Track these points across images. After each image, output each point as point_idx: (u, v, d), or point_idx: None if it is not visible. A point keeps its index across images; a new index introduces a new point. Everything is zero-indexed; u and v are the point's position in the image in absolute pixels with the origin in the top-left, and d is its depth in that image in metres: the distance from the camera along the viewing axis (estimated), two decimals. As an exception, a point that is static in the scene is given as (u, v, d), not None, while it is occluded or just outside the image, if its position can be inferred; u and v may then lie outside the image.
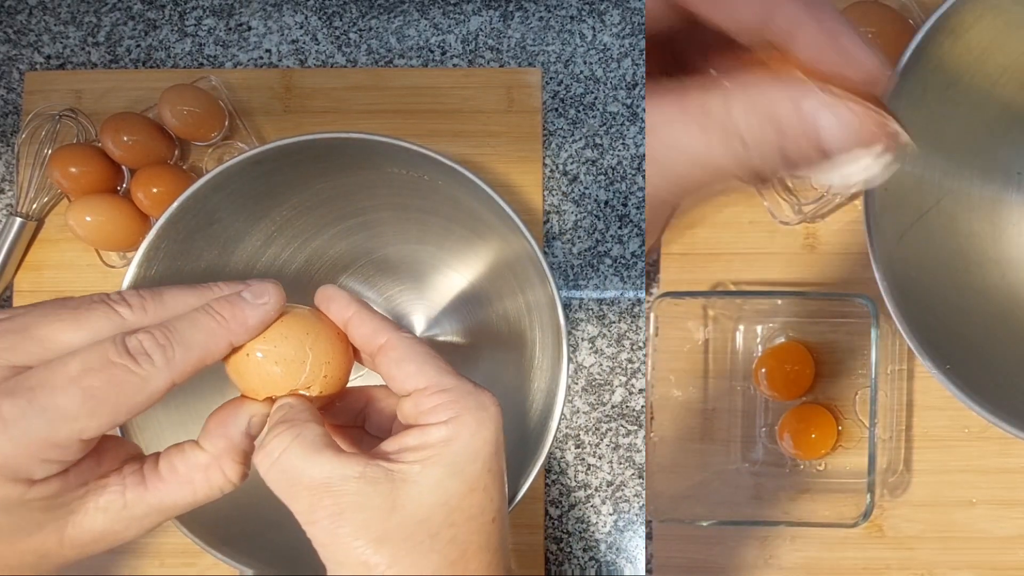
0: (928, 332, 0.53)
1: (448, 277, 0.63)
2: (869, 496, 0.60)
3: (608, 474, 0.67)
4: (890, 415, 0.64)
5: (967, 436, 0.64)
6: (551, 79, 0.70)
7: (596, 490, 0.67)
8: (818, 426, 0.64)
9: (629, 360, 0.68)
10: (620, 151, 0.70)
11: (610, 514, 0.67)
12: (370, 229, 0.61)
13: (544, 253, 0.57)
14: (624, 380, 0.68)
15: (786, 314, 0.66)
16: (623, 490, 0.67)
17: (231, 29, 0.72)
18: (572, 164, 0.70)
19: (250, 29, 0.72)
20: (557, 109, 0.70)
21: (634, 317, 0.68)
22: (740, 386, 0.67)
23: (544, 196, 0.69)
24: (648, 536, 0.67)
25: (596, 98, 0.70)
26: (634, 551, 0.67)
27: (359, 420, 0.42)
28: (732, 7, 0.34)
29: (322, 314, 0.40)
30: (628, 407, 0.68)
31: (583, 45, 0.71)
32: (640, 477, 0.67)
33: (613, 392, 0.68)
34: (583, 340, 0.68)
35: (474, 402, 0.38)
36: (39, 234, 0.71)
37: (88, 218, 0.67)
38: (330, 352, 0.39)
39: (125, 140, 0.67)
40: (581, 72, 0.70)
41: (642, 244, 0.68)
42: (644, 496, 0.67)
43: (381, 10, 0.72)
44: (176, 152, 0.69)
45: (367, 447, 0.41)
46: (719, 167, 0.33)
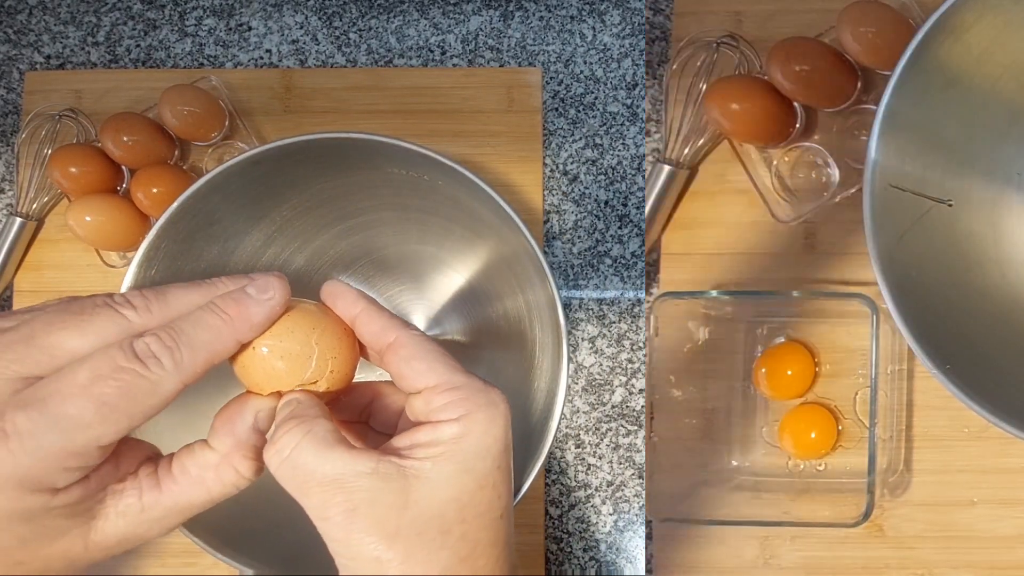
0: (928, 332, 0.53)
1: (448, 277, 0.63)
2: (869, 496, 0.60)
3: (608, 474, 0.67)
4: (890, 415, 0.64)
5: (967, 436, 0.64)
6: (551, 79, 0.70)
7: (596, 490, 0.67)
8: (818, 426, 0.64)
9: (629, 360, 0.68)
10: (620, 151, 0.70)
11: (610, 514, 0.67)
12: (370, 229, 0.61)
13: (544, 253, 0.57)
14: (624, 380, 0.68)
15: (786, 314, 0.66)
16: (623, 490, 0.67)
17: (231, 29, 0.72)
18: (572, 164, 0.70)
19: (250, 29, 0.72)
20: (557, 109, 0.70)
21: (634, 317, 0.68)
22: (740, 386, 0.67)
23: (544, 196, 0.69)
24: (648, 536, 0.67)
25: (596, 98, 0.70)
26: (634, 551, 0.67)
27: (364, 416, 0.42)
28: None
29: (328, 309, 0.40)
30: (628, 407, 0.68)
31: (583, 45, 0.71)
32: (640, 477, 0.67)
33: (613, 392, 0.68)
34: (583, 340, 0.68)
35: (485, 399, 0.38)
36: (39, 234, 0.71)
37: (88, 218, 0.67)
38: (337, 348, 0.39)
39: (125, 140, 0.67)
40: (581, 72, 0.70)
41: (642, 244, 0.68)
42: (644, 496, 0.67)
43: (381, 10, 0.72)
44: (176, 152, 0.69)
45: (372, 443, 0.41)
46: None
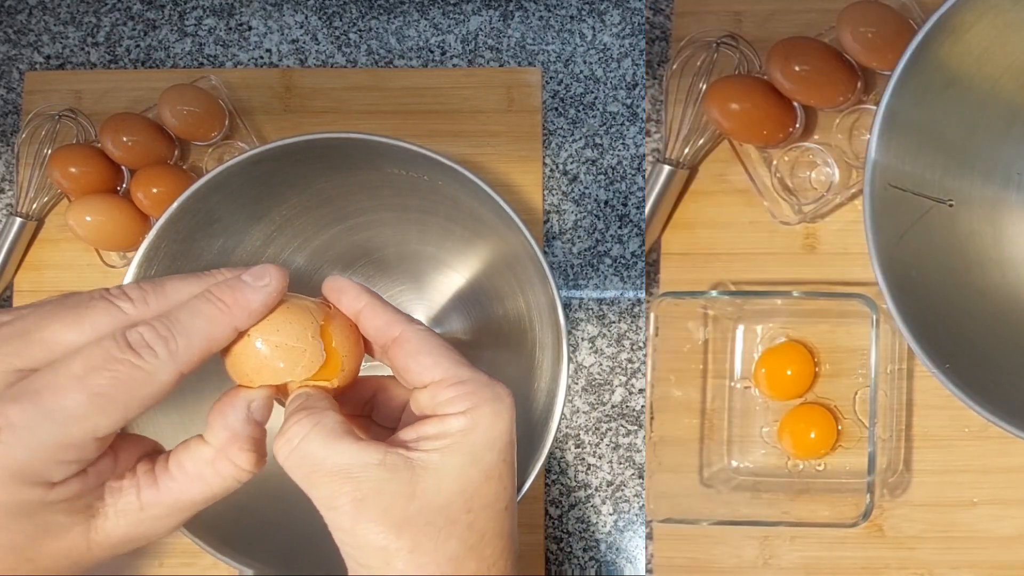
0: (928, 332, 0.53)
1: (448, 277, 0.63)
2: (869, 496, 0.60)
3: (608, 474, 0.67)
4: (890, 415, 0.64)
5: (967, 436, 0.64)
6: (551, 79, 0.70)
7: (596, 490, 0.67)
8: (818, 426, 0.64)
9: (629, 360, 0.68)
10: (620, 151, 0.70)
11: (610, 514, 0.67)
12: (370, 229, 0.61)
13: (544, 253, 0.57)
14: (624, 380, 0.68)
15: (786, 314, 0.66)
16: (623, 490, 0.67)
17: (231, 29, 0.72)
18: (572, 164, 0.70)
19: (250, 29, 0.72)
20: (557, 109, 0.70)
21: (634, 317, 0.68)
22: (740, 386, 0.67)
23: (544, 196, 0.69)
24: (648, 536, 0.67)
25: (596, 98, 0.70)
26: (634, 551, 0.67)
27: (367, 410, 0.43)
28: None
29: (330, 304, 0.40)
30: (628, 407, 0.68)
31: (583, 45, 0.71)
32: (640, 477, 0.67)
33: (613, 392, 0.68)
34: (583, 340, 0.68)
35: (491, 393, 0.38)
36: (39, 234, 0.71)
37: (88, 218, 0.67)
38: (342, 343, 0.39)
39: (125, 140, 0.67)
40: (581, 72, 0.70)
41: (642, 244, 0.68)
42: (644, 496, 0.67)
43: (381, 10, 0.72)
44: (176, 152, 0.69)
45: (375, 437, 0.42)
46: None
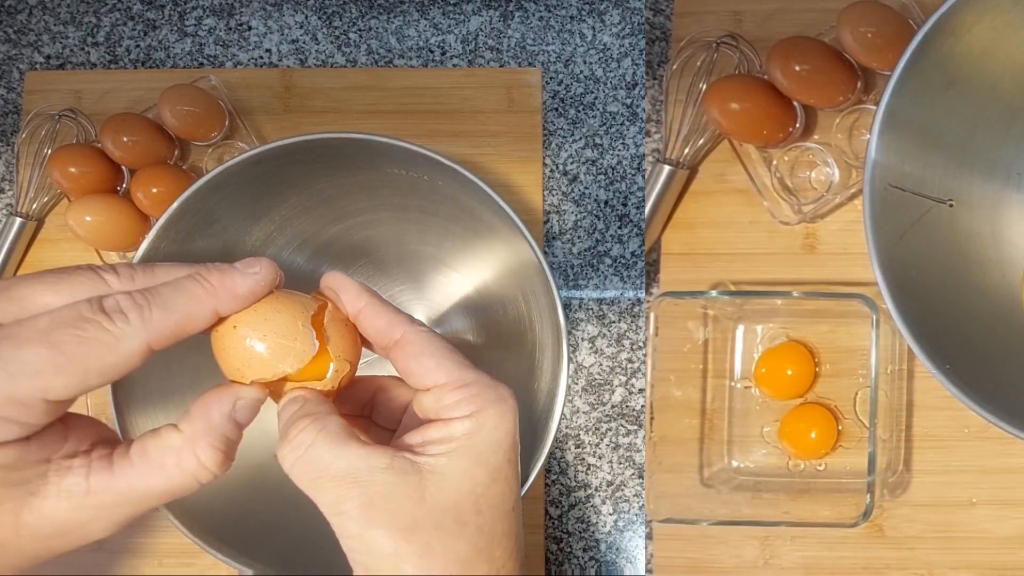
0: (928, 332, 0.53)
1: (448, 277, 0.63)
2: (869, 496, 0.60)
3: (608, 474, 0.67)
4: (890, 415, 0.64)
5: (967, 436, 0.64)
6: (551, 79, 0.70)
7: (596, 490, 0.67)
8: (818, 426, 0.64)
9: (629, 360, 0.68)
10: (620, 151, 0.70)
11: (610, 514, 0.67)
12: (370, 229, 0.61)
13: (544, 253, 0.57)
14: (624, 380, 0.68)
15: (786, 314, 0.66)
16: (623, 490, 0.67)
17: (231, 29, 0.72)
18: (572, 164, 0.70)
19: (250, 29, 0.72)
20: (557, 109, 0.70)
21: (634, 317, 0.68)
22: (740, 386, 0.67)
23: (544, 196, 0.69)
24: (648, 536, 0.67)
25: (596, 98, 0.70)
26: (634, 551, 0.67)
27: (366, 410, 0.42)
28: None
29: (329, 300, 0.40)
30: (628, 407, 0.68)
31: (583, 45, 0.71)
32: (640, 477, 0.67)
33: (613, 392, 0.68)
34: (583, 340, 0.68)
35: (494, 395, 0.38)
36: (39, 234, 0.71)
37: (88, 218, 0.67)
38: (340, 342, 0.38)
39: (125, 140, 0.67)
40: (581, 72, 0.70)
41: (642, 244, 0.68)
42: (644, 496, 0.67)
43: (381, 10, 0.72)
44: (176, 152, 0.69)
45: (375, 438, 0.41)
46: None
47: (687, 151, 0.66)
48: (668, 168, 0.66)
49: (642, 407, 0.67)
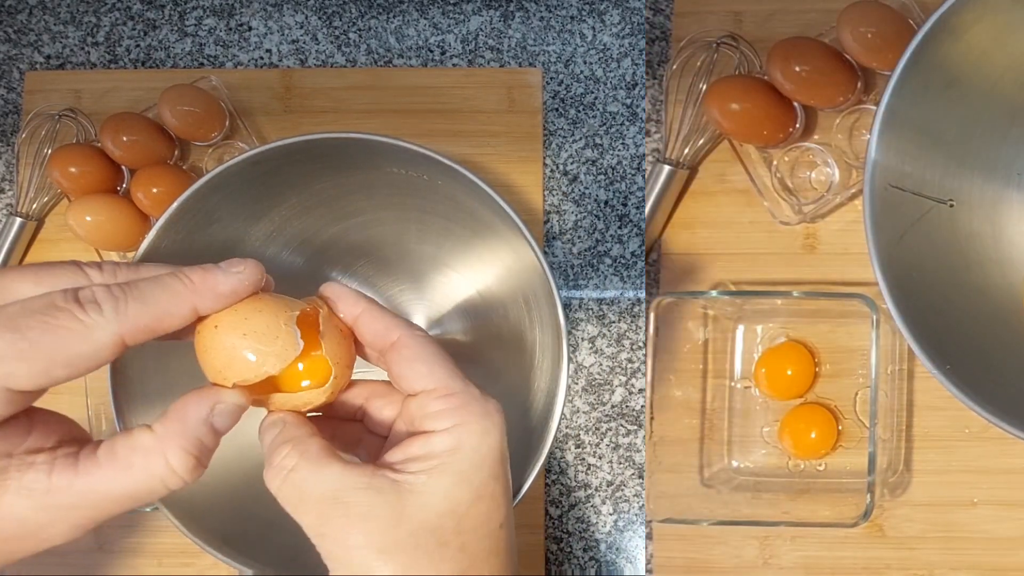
0: (928, 332, 0.53)
1: (448, 277, 0.63)
2: (869, 496, 0.60)
3: (608, 474, 0.67)
4: (890, 415, 0.64)
5: (967, 436, 0.64)
6: (551, 79, 0.70)
7: (596, 490, 0.67)
8: (818, 426, 0.64)
9: (629, 360, 0.68)
10: (620, 151, 0.70)
11: (610, 514, 0.67)
12: (370, 229, 0.61)
13: (544, 253, 0.57)
14: (624, 380, 0.68)
15: (786, 314, 0.66)
16: (623, 490, 0.67)
17: (231, 29, 0.72)
18: (572, 164, 0.70)
19: (250, 29, 0.72)
20: (557, 109, 0.70)
21: (634, 317, 0.68)
22: (740, 386, 0.67)
23: (544, 196, 0.69)
24: (648, 536, 0.67)
25: (596, 98, 0.70)
26: (634, 551, 0.67)
27: (359, 415, 0.42)
28: None
29: (327, 306, 0.39)
30: (628, 407, 0.68)
31: (583, 45, 0.71)
32: (640, 477, 0.67)
33: (613, 392, 0.68)
34: (583, 340, 0.68)
35: (479, 409, 0.37)
36: (39, 234, 0.71)
37: (88, 218, 0.67)
38: (334, 350, 0.38)
39: (125, 140, 0.67)
40: (581, 72, 0.70)
41: (642, 244, 0.68)
42: (644, 496, 0.67)
43: (381, 10, 0.72)
44: (176, 152, 0.69)
45: (367, 445, 0.41)
46: None
47: (687, 151, 0.66)
48: (668, 168, 0.66)
49: (642, 407, 0.67)
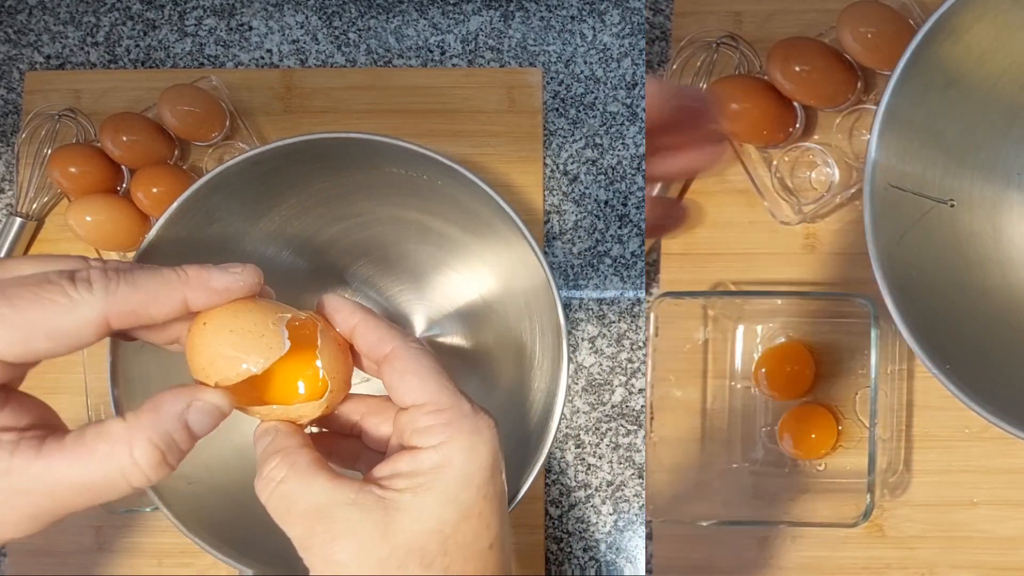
0: (928, 332, 0.53)
1: (448, 277, 0.63)
2: (869, 496, 0.60)
3: (608, 474, 0.67)
4: (890, 415, 0.64)
5: (967, 436, 0.64)
6: (551, 79, 0.70)
7: (596, 490, 0.67)
8: (818, 426, 0.64)
9: (629, 360, 0.68)
10: (620, 151, 0.70)
11: (610, 514, 0.67)
12: (370, 229, 0.61)
13: (544, 253, 0.57)
14: (624, 380, 0.68)
15: (786, 314, 0.66)
16: (623, 490, 0.67)
17: (231, 29, 0.72)
18: (572, 164, 0.70)
19: (251, 29, 0.72)
20: (557, 109, 0.70)
21: (634, 317, 0.68)
22: (740, 386, 0.67)
23: (544, 196, 0.69)
24: (648, 536, 0.67)
25: (596, 98, 0.70)
26: (634, 551, 0.67)
27: (356, 430, 0.41)
28: None
29: (325, 319, 0.39)
30: (628, 407, 0.68)
31: (583, 45, 0.71)
32: (640, 477, 0.67)
33: (613, 392, 0.68)
34: (583, 340, 0.68)
35: (469, 425, 0.37)
36: (39, 234, 0.71)
37: (88, 218, 0.67)
38: (331, 364, 0.38)
39: (125, 140, 0.67)
40: (581, 72, 0.70)
41: (642, 244, 0.68)
42: (644, 496, 0.67)
43: (380, 10, 0.72)
44: (176, 152, 0.69)
45: (366, 460, 0.41)
46: None
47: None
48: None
49: (642, 407, 0.67)
